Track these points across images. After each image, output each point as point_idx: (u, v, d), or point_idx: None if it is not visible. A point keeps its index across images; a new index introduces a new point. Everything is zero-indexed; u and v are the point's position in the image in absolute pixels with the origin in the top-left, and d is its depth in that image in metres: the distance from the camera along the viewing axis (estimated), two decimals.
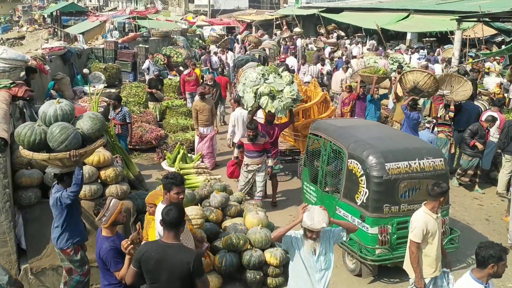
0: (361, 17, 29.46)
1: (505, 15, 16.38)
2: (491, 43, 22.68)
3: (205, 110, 10.65)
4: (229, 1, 49.09)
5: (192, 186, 8.41)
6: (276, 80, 9.22)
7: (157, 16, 35.86)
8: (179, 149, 9.80)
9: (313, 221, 4.43)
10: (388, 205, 6.41)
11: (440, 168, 6.66)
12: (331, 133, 7.55)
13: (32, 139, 4.77)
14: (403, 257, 6.32)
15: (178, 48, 22.87)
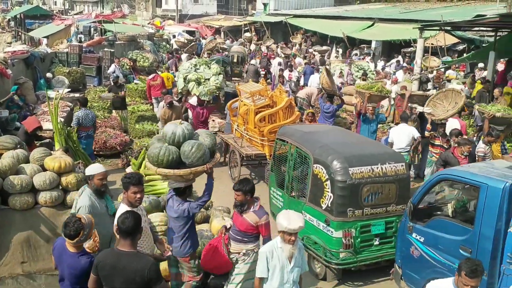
0: (328, 25, 29.89)
1: (466, 24, 16.91)
2: (453, 51, 23.39)
3: (173, 118, 10.60)
4: (197, 6, 48.98)
5: (157, 193, 8.28)
6: (205, 70, 11.51)
7: (123, 20, 35.38)
8: (145, 154, 9.64)
9: (290, 222, 4.44)
10: (352, 209, 6.53)
11: (401, 172, 6.88)
12: (298, 138, 7.63)
13: (170, 158, 5.13)
14: (366, 260, 6.54)
15: (144, 52, 22.61)
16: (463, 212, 5.97)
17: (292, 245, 4.54)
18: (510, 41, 16.45)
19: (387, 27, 25.20)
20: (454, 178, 5.74)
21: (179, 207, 5.29)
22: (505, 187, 4.92)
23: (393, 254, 6.62)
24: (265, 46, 29.99)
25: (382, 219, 6.76)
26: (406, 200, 6.68)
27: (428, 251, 5.69)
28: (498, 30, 15.89)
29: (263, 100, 10.60)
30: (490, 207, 5.01)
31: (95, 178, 5.11)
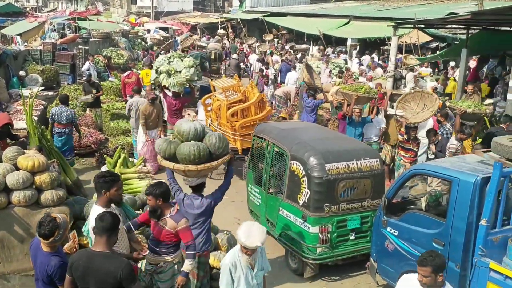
0: (304, 23, 30.04)
1: (439, 22, 17.21)
2: (426, 49, 23.77)
3: (154, 114, 10.53)
4: (173, 3, 48.59)
5: (133, 191, 8.20)
6: (178, 63, 12.23)
7: (98, 17, 34.82)
8: (120, 153, 9.55)
9: (248, 239, 4.37)
10: (328, 205, 6.63)
11: (376, 168, 7.02)
12: (275, 135, 7.70)
13: (204, 153, 5.24)
14: (343, 255, 6.66)
15: (119, 49, 22.35)
16: (436, 206, 6.12)
17: (249, 257, 4.50)
18: (482, 38, 16.81)
19: (362, 25, 25.45)
20: (426, 173, 5.87)
21: (204, 202, 5.39)
22: (476, 181, 5.05)
23: (369, 248, 6.74)
24: (247, 44, 30.00)
25: (358, 214, 6.88)
26: (381, 195, 6.84)
27: (402, 244, 5.79)
28: (470, 28, 16.20)
29: (235, 95, 10.73)
30: (462, 200, 5.13)
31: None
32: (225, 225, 7.76)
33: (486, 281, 4.85)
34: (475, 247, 5.01)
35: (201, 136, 5.45)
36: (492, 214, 4.93)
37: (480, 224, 4.94)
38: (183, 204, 5.46)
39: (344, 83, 15.69)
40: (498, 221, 5.06)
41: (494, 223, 5.03)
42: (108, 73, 18.37)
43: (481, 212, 4.99)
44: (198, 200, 5.44)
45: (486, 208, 4.91)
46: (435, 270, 3.84)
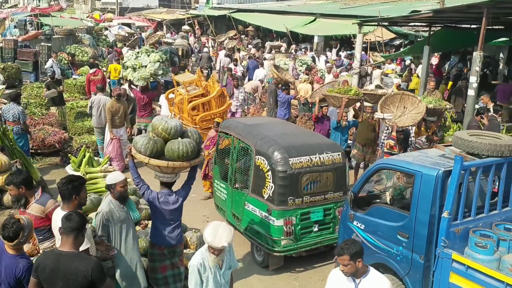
0: (271, 19, 30.12)
1: (402, 19, 17.58)
2: (390, 46, 24.27)
3: (120, 111, 10.39)
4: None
5: (99, 191, 8.07)
6: (144, 58, 12.64)
7: (61, 14, 34.04)
8: (85, 152, 9.39)
9: (214, 239, 4.37)
10: (292, 198, 6.82)
11: (338, 161, 7.25)
12: (240, 131, 7.80)
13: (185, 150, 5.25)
14: (306, 247, 6.90)
15: (83, 46, 21.89)
16: (400, 199, 6.27)
17: (216, 257, 4.50)
18: (443, 36, 17.27)
19: (328, 22, 25.71)
20: (391, 167, 5.99)
21: (178, 197, 5.53)
22: (438, 174, 5.19)
23: (332, 239, 7.07)
24: (218, 42, 29.87)
25: (321, 206, 7.09)
26: (343, 188, 7.25)
27: (368, 238, 5.90)
28: (432, 26, 16.62)
29: (197, 90, 10.95)
30: (425, 193, 5.26)
31: (117, 187, 5.13)
32: (193, 223, 7.76)
33: (449, 271, 4.99)
34: (438, 239, 5.13)
35: (182, 132, 5.50)
36: (453, 207, 5.07)
37: (443, 216, 5.07)
38: (158, 202, 5.44)
39: (311, 80, 15.87)
40: (460, 213, 5.20)
41: (455, 215, 5.17)
42: (72, 71, 17.98)
43: (443, 205, 5.12)
44: (172, 196, 5.52)
45: (448, 201, 5.04)
46: (353, 257, 3.96)
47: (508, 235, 5.11)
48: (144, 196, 5.51)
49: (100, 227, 5.09)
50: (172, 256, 5.62)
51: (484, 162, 5.28)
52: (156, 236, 5.57)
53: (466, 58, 19.27)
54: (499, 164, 5.33)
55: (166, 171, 5.39)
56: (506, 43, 20.39)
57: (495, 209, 5.52)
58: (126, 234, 5.26)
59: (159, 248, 5.56)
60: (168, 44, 23.76)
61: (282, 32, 27.29)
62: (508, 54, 21.29)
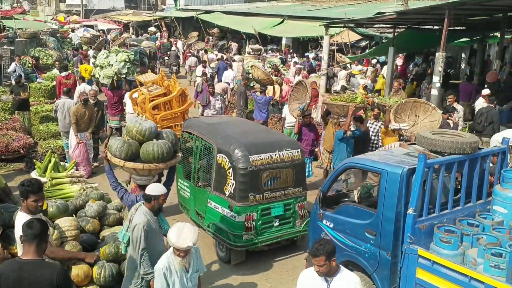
0: (239, 21, 30.17)
1: (367, 21, 17.90)
2: (357, 48, 24.64)
3: (86, 116, 10.25)
4: (104, 1, 47.16)
5: (65, 197, 7.93)
6: (112, 58, 13.33)
7: (24, 16, 33.25)
8: (50, 157, 9.20)
9: (179, 239, 4.33)
10: (253, 194, 7.01)
11: (297, 158, 7.48)
12: (202, 130, 8.00)
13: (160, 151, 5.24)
14: (268, 241, 7.14)
15: (48, 49, 21.42)
16: (368, 198, 6.38)
17: (182, 259, 4.48)
18: (407, 37, 17.67)
19: (296, 24, 25.92)
20: (358, 166, 6.09)
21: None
22: (403, 172, 5.31)
23: (292, 233, 7.41)
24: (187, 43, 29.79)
25: (281, 201, 7.31)
26: (302, 183, 7.52)
27: (337, 236, 5.99)
28: (396, 27, 16.98)
29: (159, 89, 11.17)
30: (391, 191, 5.37)
31: (160, 198, 5.07)
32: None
33: (415, 267, 5.09)
34: (404, 235, 5.24)
35: (157, 134, 5.46)
36: (418, 203, 5.19)
37: (408, 213, 5.18)
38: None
39: (280, 82, 15.97)
40: (424, 210, 5.33)
41: (420, 212, 5.30)
42: (36, 74, 17.56)
43: (408, 202, 5.24)
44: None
45: (412, 198, 5.16)
46: (328, 256, 4.00)
47: (471, 230, 5.26)
48: (123, 200, 5.45)
49: (141, 239, 4.93)
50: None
51: (446, 160, 5.43)
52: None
53: (429, 58, 19.77)
54: (461, 161, 5.49)
55: (143, 174, 5.36)
56: (467, 44, 21.05)
57: (458, 205, 5.67)
58: (158, 246, 5.20)
59: None
60: (133, 46, 23.58)
61: (251, 34, 27.36)
62: (470, 54, 21.98)
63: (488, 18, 15.39)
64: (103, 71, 13.15)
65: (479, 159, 5.66)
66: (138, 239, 4.90)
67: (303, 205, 7.53)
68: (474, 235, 5.13)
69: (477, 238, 5.06)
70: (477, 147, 5.61)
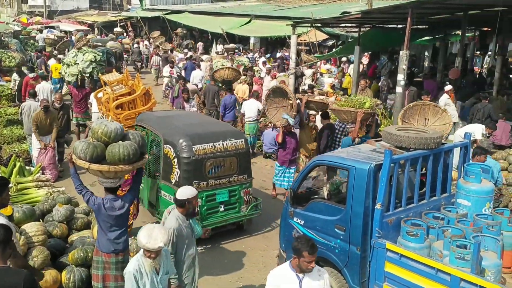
0: (206, 21, 30.07)
1: (333, 21, 18.14)
2: (324, 47, 24.92)
3: (48, 123, 10.08)
4: (67, 2, 46.23)
5: (32, 201, 7.75)
6: (79, 57, 14.13)
7: None
8: (15, 161, 8.97)
9: (149, 240, 4.30)
10: (197, 181, 7.38)
11: (241, 147, 7.96)
12: (152, 123, 8.46)
13: (126, 152, 5.13)
14: (213, 225, 7.68)
15: (10, 51, 20.81)
16: (337, 194, 6.47)
17: (153, 260, 4.44)
18: (372, 36, 18.01)
19: (263, 23, 26.01)
20: (327, 163, 6.18)
21: (123, 202, 5.39)
22: (370, 168, 5.42)
23: (238, 217, 8.00)
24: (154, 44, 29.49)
25: (226, 188, 7.79)
26: (246, 171, 8.05)
27: (308, 233, 6.04)
28: (361, 26, 17.28)
29: (122, 89, 11.17)
30: (359, 187, 5.48)
31: (193, 201, 5.14)
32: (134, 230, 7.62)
33: (384, 261, 5.20)
34: (373, 230, 5.35)
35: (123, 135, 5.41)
36: (385, 198, 5.31)
37: (376, 208, 5.29)
38: (104, 208, 5.29)
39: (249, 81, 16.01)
40: (391, 204, 5.47)
41: (388, 206, 5.43)
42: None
43: (376, 197, 5.35)
44: (118, 201, 5.38)
45: (380, 193, 5.26)
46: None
47: (436, 223, 5.42)
48: (89, 203, 5.32)
49: (169, 244, 4.96)
50: (118, 268, 5.44)
51: (411, 155, 5.58)
52: (102, 243, 5.41)
53: (394, 57, 20.17)
54: (425, 156, 5.65)
55: (108, 176, 5.26)
56: (430, 42, 21.60)
57: (424, 199, 5.84)
58: (190, 250, 5.23)
59: (105, 255, 5.40)
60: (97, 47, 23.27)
61: (218, 33, 27.30)
62: (433, 52, 22.57)
63: (450, 16, 15.84)
64: (69, 69, 13.84)
65: (442, 154, 5.84)
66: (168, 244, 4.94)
67: (248, 191, 8.05)
68: (440, 228, 5.29)
69: (443, 231, 5.23)
70: (440, 142, 5.78)
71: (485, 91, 15.81)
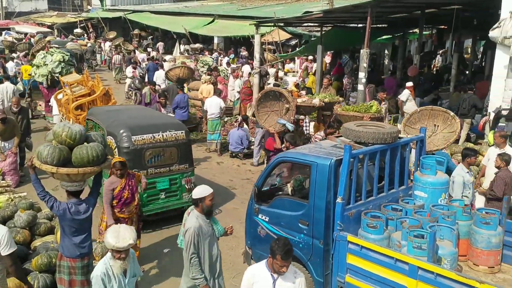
0: (169, 21, 29.84)
1: (296, 20, 18.36)
2: (287, 46, 25.15)
3: (6, 134, 9.91)
4: (25, 3, 44.98)
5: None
6: (48, 58, 14.57)
7: None
8: None
9: (118, 239, 4.28)
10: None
11: (181, 138, 8.40)
12: (99, 116, 8.90)
13: (95, 154, 5.13)
14: (153, 211, 8.18)
15: None
16: (301, 190, 6.60)
17: (123, 261, 4.40)
18: (334, 35, 18.33)
19: (227, 23, 26.02)
20: (289, 160, 6.30)
21: (87, 205, 5.41)
22: (331, 163, 5.56)
23: (178, 204, 8.40)
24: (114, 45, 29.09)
25: (166, 176, 8.24)
26: (187, 161, 8.52)
27: (272, 229, 6.15)
28: (323, 26, 17.56)
29: (82, 89, 11.40)
30: (320, 182, 5.61)
31: (206, 200, 5.09)
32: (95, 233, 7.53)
33: (345, 253, 5.35)
34: (334, 223, 5.49)
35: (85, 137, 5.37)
36: (346, 192, 5.47)
37: (337, 202, 5.44)
38: (70, 212, 5.24)
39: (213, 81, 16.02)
40: (352, 198, 5.63)
41: (348, 200, 5.58)
42: None
43: (337, 191, 5.49)
44: (83, 204, 5.38)
45: (340, 187, 5.41)
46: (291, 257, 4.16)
47: (395, 214, 5.62)
48: (53, 209, 5.23)
49: (191, 244, 4.97)
50: (84, 272, 5.42)
51: (370, 150, 5.75)
52: (67, 248, 5.36)
53: (355, 55, 20.58)
54: (383, 150, 5.84)
55: (76, 179, 5.20)
56: (389, 40, 22.16)
57: (383, 192, 6.04)
58: (212, 249, 5.20)
59: (71, 260, 5.36)
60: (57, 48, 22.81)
61: (182, 33, 27.16)
62: (392, 50, 23.14)
63: (408, 15, 16.32)
64: (38, 70, 14.30)
65: (399, 148, 6.05)
66: (188, 244, 4.98)
67: (189, 179, 8.49)
68: (398, 219, 5.49)
69: (401, 222, 5.42)
70: (397, 137, 5.99)
71: (443, 87, 16.41)
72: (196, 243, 5.00)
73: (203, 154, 12.93)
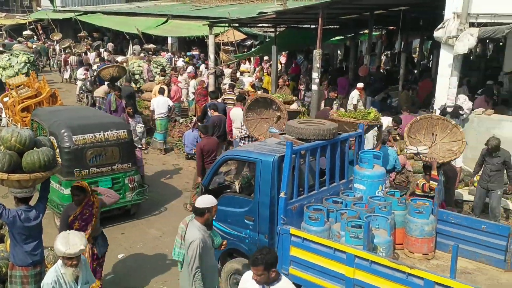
0: (121, 21, 29.43)
1: (250, 21, 18.53)
2: (243, 47, 25.30)
3: None
4: None
5: None
6: (13, 60, 15.45)
7: None
8: None
9: (68, 246, 4.25)
10: (78, 169, 7.94)
11: (123, 137, 8.46)
12: (42, 117, 8.93)
13: (47, 159, 5.06)
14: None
15: None
16: (248, 187, 6.75)
17: (75, 268, 4.35)
18: (287, 36, 18.59)
19: (180, 23, 25.92)
20: (235, 157, 6.44)
21: (37, 212, 5.32)
22: (274, 160, 5.73)
23: (123, 203, 8.41)
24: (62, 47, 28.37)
25: (109, 176, 8.32)
26: (130, 159, 8.59)
27: (220, 226, 6.24)
28: (277, 26, 17.81)
29: (29, 91, 11.28)
30: (264, 178, 5.77)
31: (213, 210, 4.90)
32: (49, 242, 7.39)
33: (289, 245, 5.52)
34: (278, 217, 5.65)
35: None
36: (289, 187, 5.64)
37: (280, 197, 5.61)
38: (20, 220, 5.13)
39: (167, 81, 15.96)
40: (295, 192, 5.82)
41: (291, 194, 5.76)
42: None
43: (279, 187, 5.64)
44: (32, 211, 5.27)
45: (283, 182, 5.57)
46: (267, 267, 3.89)
47: (335, 207, 5.85)
48: (2, 217, 5.09)
49: (196, 257, 4.70)
50: (37, 280, 5.32)
51: (311, 145, 5.96)
52: (19, 256, 5.26)
53: (309, 56, 20.94)
54: (323, 146, 6.07)
55: (26, 185, 5.08)
56: (341, 41, 22.68)
57: (324, 186, 6.26)
58: (211, 260, 5.01)
59: (23, 268, 5.27)
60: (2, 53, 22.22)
61: (134, 34, 26.84)
62: (345, 51, 23.71)
63: (358, 16, 16.79)
64: (5, 71, 15.02)
65: (339, 143, 6.29)
66: (193, 257, 4.71)
67: (133, 178, 8.60)
68: (338, 211, 5.72)
69: (341, 213, 5.66)
70: (336, 133, 6.24)
71: (392, 87, 16.97)
72: (200, 257, 4.74)
73: (158, 156, 12.85)
